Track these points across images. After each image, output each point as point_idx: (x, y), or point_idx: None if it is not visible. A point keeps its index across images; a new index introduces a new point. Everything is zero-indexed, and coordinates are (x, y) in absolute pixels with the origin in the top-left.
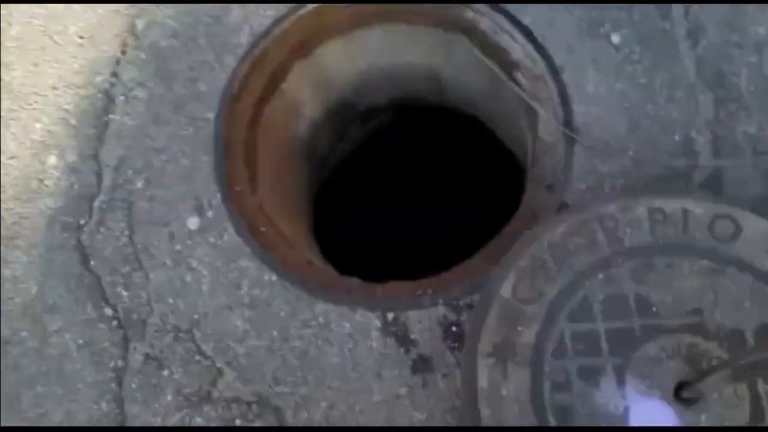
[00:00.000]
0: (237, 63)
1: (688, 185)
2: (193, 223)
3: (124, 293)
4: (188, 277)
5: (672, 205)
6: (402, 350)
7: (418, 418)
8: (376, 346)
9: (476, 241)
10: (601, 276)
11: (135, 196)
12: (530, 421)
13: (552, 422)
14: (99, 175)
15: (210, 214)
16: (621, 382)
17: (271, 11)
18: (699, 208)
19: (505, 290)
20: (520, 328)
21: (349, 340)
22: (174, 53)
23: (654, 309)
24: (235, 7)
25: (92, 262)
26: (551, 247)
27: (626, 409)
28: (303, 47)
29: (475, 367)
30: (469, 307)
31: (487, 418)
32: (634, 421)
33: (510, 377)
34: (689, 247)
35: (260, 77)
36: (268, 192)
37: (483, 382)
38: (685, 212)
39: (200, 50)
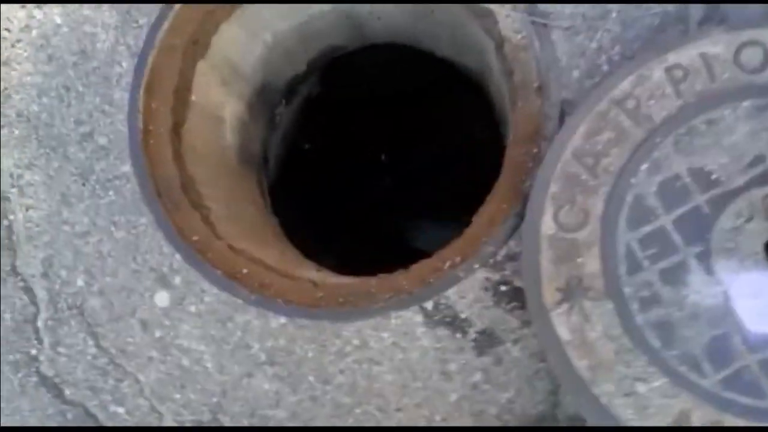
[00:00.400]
0: (130, 94)
1: (689, 25)
2: (162, 299)
3: (120, 410)
4: (185, 361)
5: (686, 54)
6: (458, 335)
7: (507, 398)
8: (429, 344)
9: (480, 185)
10: (644, 166)
11: (81, 298)
12: (632, 353)
13: (657, 343)
14: (29, 290)
15: (177, 280)
16: (709, 270)
17: (143, 19)
18: (716, 46)
19: (547, 225)
20: (579, 260)
21: (397, 350)
22: (52, 113)
23: (713, 177)
24: (99, 31)
25: (67, 392)
26: (577, 156)
27: (725, 295)
28: (197, 44)
29: (550, 322)
30: (510, 258)
31: (585, 370)
32: (740, 302)
33: (591, 316)
34: (723, 92)
35: (164, 98)
36: (229, 225)
37: (564, 333)
38: (704, 56)
39: (81, 98)
